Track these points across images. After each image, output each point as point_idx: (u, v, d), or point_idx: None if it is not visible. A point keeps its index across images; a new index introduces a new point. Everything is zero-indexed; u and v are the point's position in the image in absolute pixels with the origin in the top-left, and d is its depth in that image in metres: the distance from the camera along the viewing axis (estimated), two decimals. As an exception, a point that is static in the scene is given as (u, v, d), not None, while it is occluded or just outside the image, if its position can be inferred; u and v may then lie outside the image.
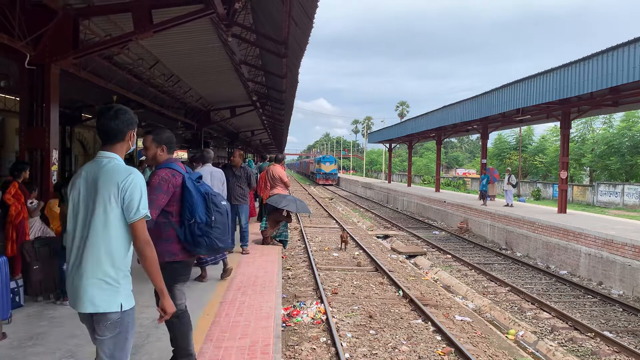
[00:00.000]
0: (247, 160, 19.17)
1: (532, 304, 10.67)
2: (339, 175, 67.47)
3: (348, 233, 16.35)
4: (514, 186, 21.55)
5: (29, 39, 7.52)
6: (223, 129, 29.12)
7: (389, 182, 46.68)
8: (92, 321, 2.83)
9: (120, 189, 2.75)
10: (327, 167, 62.79)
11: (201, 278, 7.57)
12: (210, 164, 8.12)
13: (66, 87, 11.70)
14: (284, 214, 11.67)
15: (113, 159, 2.86)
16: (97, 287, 2.74)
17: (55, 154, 8.07)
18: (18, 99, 10.37)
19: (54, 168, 8.10)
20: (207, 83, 16.59)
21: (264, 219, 11.52)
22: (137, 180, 2.80)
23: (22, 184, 6.93)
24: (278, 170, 12.00)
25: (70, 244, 2.84)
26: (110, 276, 2.76)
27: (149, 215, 2.88)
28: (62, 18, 7.77)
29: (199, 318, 5.94)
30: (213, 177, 7.94)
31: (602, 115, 36.37)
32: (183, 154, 27.72)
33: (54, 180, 8.00)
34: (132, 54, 11.82)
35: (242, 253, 9.84)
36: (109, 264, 2.76)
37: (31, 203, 6.86)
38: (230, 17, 8.35)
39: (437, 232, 21.35)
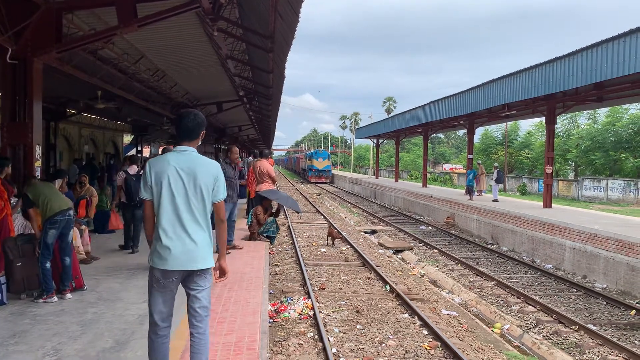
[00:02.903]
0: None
1: (517, 297, 10.77)
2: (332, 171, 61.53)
3: (335, 228, 16.35)
4: (496, 182, 22.08)
5: (10, 33, 7.39)
6: (210, 124, 28.92)
7: (377, 177, 46.78)
8: (193, 277, 3.63)
9: (214, 179, 3.67)
10: (319, 163, 56.67)
11: None
12: None
13: (50, 82, 11.53)
14: (273, 207, 11.67)
15: (195, 152, 3.70)
16: (205, 249, 3.63)
17: (38, 150, 7.96)
18: (0, 93, 10.21)
19: (38, 164, 7.99)
20: (193, 78, 16.45)
21: (251, 213, 11.53)
22: (222, 172, 3.78)
23: (5, 180, 6.83)
24: (265, 165, 12.03)
25: (170, 218, 3.56)
26: (209, 241, 3.68)
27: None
28: (45, 11, 7.63)
29: (184, 314, 5.91)
30: None
31: (587, 111, 36.76)
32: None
33: (38, 176, 7.89)
34: (116, 49, 11.67)
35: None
36: (208, 233, 3.68)
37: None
38: (216, 11, 8.28)
39: (424, 227, 21.45)
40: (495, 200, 21.34)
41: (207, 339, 3.71)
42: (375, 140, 45.87)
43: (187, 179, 3.57)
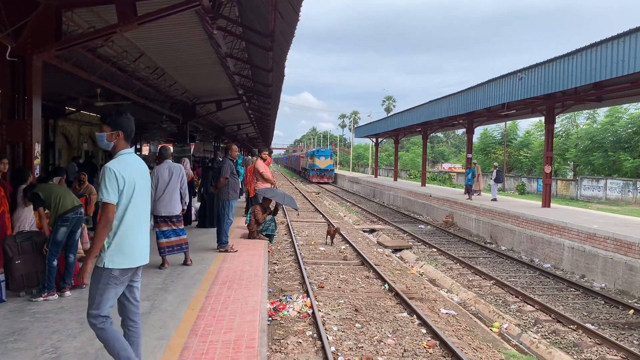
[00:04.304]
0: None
1: (516, 297, 10.78)
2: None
3: (333, 226, 16.35)
4: (495, 181, 22.14)
5: (9, 30, 7.39)
6: (209, 122, 28.94)
7: (376, 176, 46.78)
8: (137, 271, 3.88)
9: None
10: (322, 162, 53.65)
11: (162, 266, 8.06)
12: (170, 160, 8.29)
13: (49, 80, 11.51)
14: (271, 206, 11.69)
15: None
16: None
17: (37, 148, 7.96)
18: (-1, 91, 10.19)
19: (37, 162, 8.00)
20: (193, 76, 16.45)
21: (250, 212, 11.57)
22: None
23: (2, 178, 6.83)
24: (258, 165, 12.23)
25: (136, 218, 3.75)
26: None
27: None
28: (44, 9, 7.63)
29: (184, 312, 5.92)
30: (171, 172, 8.18)
31: (586, 111, 36.77)
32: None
33: (37, 173, 7.90)
34: (116, 47, 11.67)
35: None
36: None
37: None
38: (216, 9, 8.27)
39: (422, 226, 21.47)
40: (494, 199, 21.35)
41: (140, 327, 3.99)
42: (374, 139, 45.86)
43: (144, 179, 3.88)
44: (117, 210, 3.66)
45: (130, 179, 3.71)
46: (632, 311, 9.87)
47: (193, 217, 13.21)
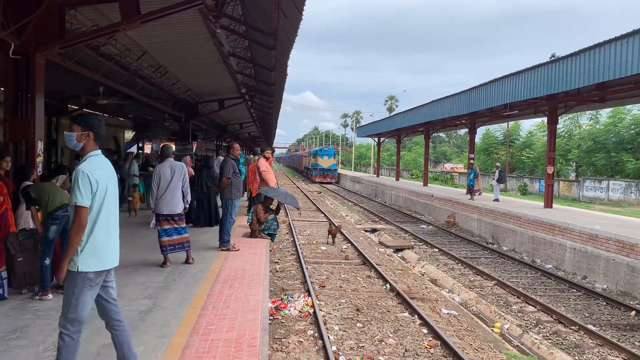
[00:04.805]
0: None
1: (517, 297, 10.77)
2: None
3: (334, 225, 16.35)
4: (497, 181, 22.15)
5: (13, 28, 7.40)
6: (211, 121, 28.94)
7: (378, 176, 46.75)
8: (110, 271, 3.86)
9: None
10: (325, 162, 52.67)
11: (164, 265, 8.07)
12: (171, 159, 8.33)
13: (52, 78, 11.53)
14: (272, 206, 11.70)
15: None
16: None
17: (40, 145, 7.98)
18: (2, 89, 10.20)
19: (40, 159, 8.01)
20: (196, 75, 16.45)
21: (252, 211, 11.59)
22: None
23: (5, 176, 6.84)
24: (260, 164, 12.28)
25: (108, 220, 3.76)
26: None
27: None
28: (48, 7, 7.64)
29: (186, 310, 5.93)
30: (173, 171, 8.21)
31: (589, 112, 36.70)
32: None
33: (40, 171, 7.91)
34: (119, 45, 11.68)
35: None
36: None
37: None
38: (219, 8, 8.28)
39: (424, 226, 21.45)
40: (496, 199, 21.37)
41: (126, 324, 3.98)
42: (376, 139, 45.84)
43: (114, 181, 3.88)
44: (90, 213, 3.65)
45: (103, 181, 3.71)
46: (633, 312, 9.85)
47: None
